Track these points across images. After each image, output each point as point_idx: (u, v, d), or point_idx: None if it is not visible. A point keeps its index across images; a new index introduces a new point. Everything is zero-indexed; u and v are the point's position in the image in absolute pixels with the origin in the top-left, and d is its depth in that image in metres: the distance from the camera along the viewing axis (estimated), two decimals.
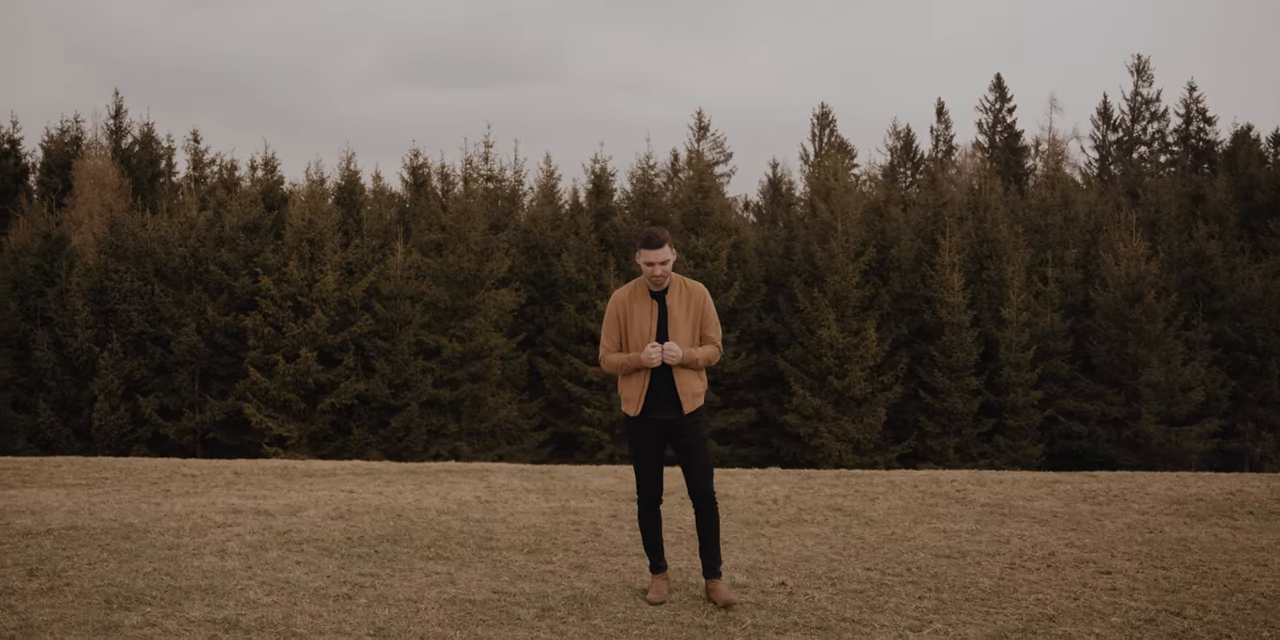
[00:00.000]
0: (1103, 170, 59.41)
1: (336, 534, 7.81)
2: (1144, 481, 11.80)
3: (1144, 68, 58.02)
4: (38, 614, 5.47)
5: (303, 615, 5.49)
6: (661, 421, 5.90)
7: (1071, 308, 37.92)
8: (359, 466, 13.89)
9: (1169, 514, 9.39)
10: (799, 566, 6.85)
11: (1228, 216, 41.57)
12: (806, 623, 5.49)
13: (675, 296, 5.92)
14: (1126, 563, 7.05)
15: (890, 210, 41.28)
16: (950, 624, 5.49)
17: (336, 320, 34.17)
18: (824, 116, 65.28)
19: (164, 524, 8.18)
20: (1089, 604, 5.92)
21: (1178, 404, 34.52)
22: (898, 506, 9.68)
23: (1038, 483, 11.78)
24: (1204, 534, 8.29)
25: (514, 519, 8.72)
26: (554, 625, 5.40)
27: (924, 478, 12.20)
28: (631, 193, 43.71)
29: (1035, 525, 8.68)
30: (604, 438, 37.11)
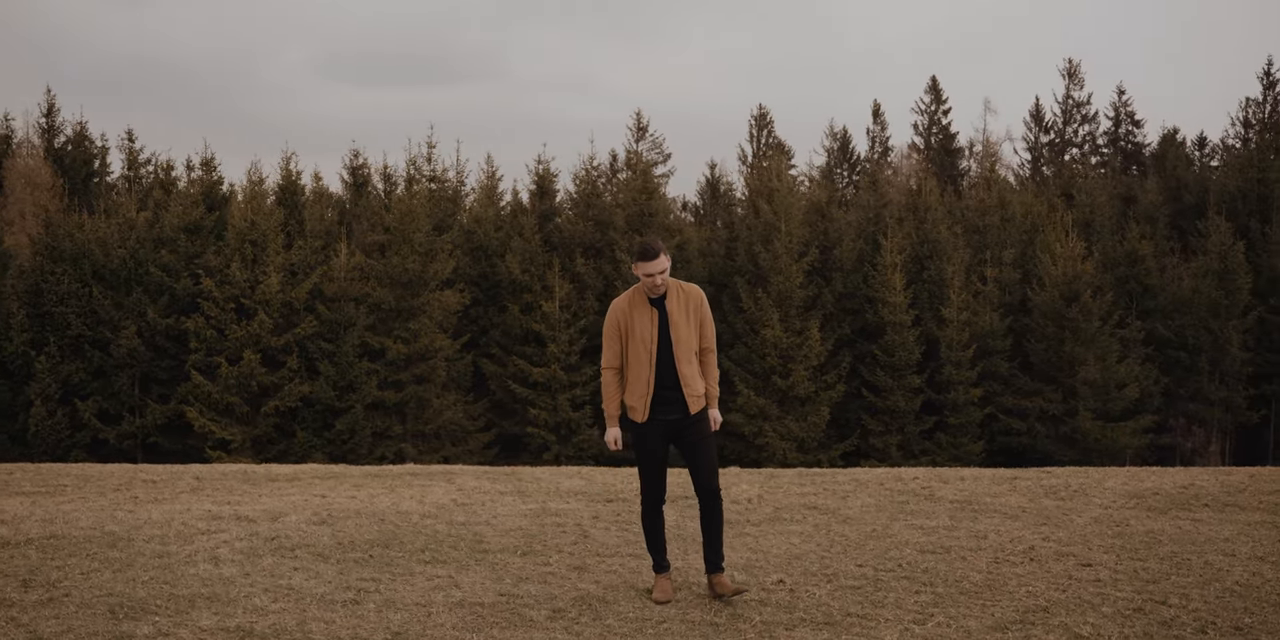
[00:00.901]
0: (1035, 171, 60.61)
1: (325, 539, 7.82)
2: (1099, 477, 12.14)
3: (1075, 71, 59.33)
4: (44, 626, 5.43)
5: (315, 622, 5.51)
6: (667, 422, 5.99)
7: (1010, 307, 38.70)
8: (320, 470, 13.80)
9: (1130, 508, 9.71)
10: (792, 564, 7.00)
11: (1158, 217, 42.69)
12: (813, 618, 5.64)
13: (674, 301, 6.01)
14: (1104, 555, 7.30)
15: (832, 211, 41.81)
16: (951, 617, 5.67)
17: (280, 322, 33.82)
18: (762, 118, 65.79)
19: (147, 531, 8.11)
20: (1078, 595, 6.15)
21: (1113, 401, 35.40)
22: (870, 504, 9.88)
23: (998, 479, 12.07)
24: (1169, 526, 8.60)
25: (498, 521, 8.77)
26: (568, 626, 5.49)
27: (887, 475, 12.43)
28: (575, 194, 43.77)
29: (1007, 520, 8.93)
30: (550, 438, 37.14)
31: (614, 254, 39.98)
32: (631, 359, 5.97)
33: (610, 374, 6.06)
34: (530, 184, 43.76)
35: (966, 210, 44.24)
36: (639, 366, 5.95)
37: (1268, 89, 53.85)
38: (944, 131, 64.63)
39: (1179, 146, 52.41)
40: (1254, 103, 54.16)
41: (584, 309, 38.79)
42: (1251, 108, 54.11)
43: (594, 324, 38.90)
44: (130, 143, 45.41)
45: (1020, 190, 49.05)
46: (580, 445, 37.41)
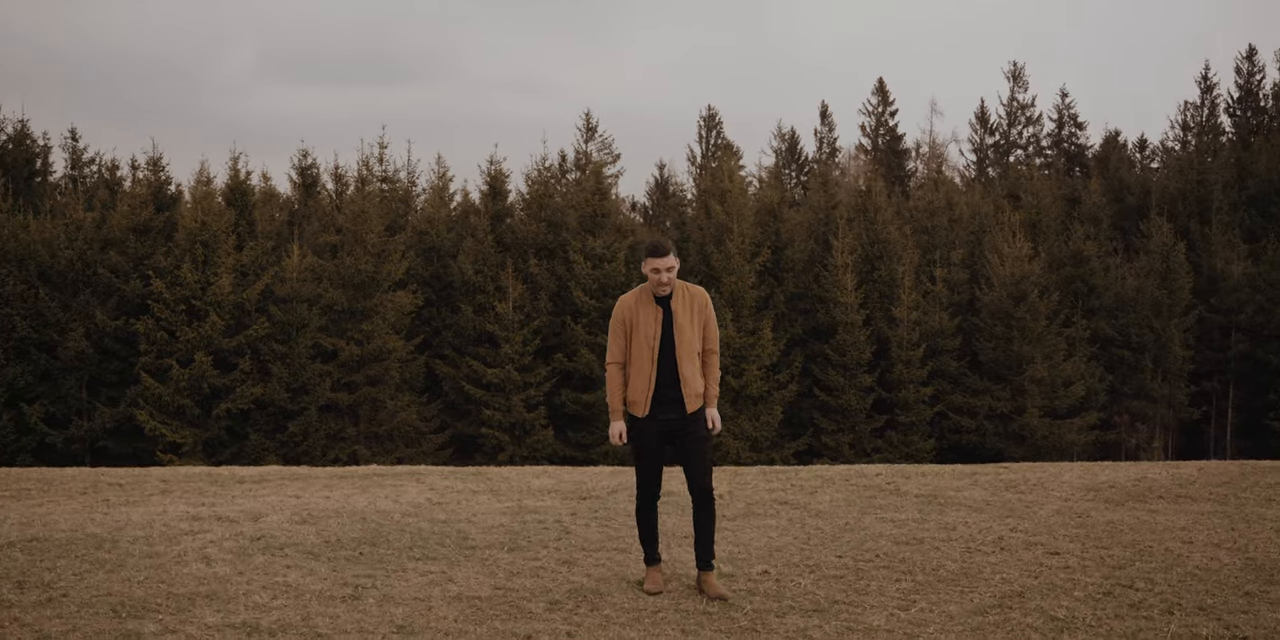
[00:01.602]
0: (980, 173, 61.57)
1: (312, 538, 7.91)
2: (1055, 471, 12.52)
3: (1019, 74, 60.37)
4: (49, 626, 5.50)
5: (319, 617, 5.63)
6: (666, 421, 6.16)
7: (958, 306, 39.35)
8: (285, 472, 13.83)
9: (1089, 500, 10.05)
10: (774, 556, 7.22)
11: (1101, 218, 43.61)
12: (801, 606, 5.86)
13: (679, 302, 6.18)
14: (1070, 544, 7.61)
15: (783, 212, 42.24)
16: (932, 603, 5.92)
17: (232, 324, 33.56)
18: (711, 118, 66.22)
19: (130, 533, 8.15)
20: (1049, 581, 6.43)
21: (1060, 398, 36.15)
22: (839, 499, 10.15)
23: (959, 474, 12.40)
24: (1127, 517, 8.94)
25: (478, 519, 8.91)
26: (567, 617, 5.66)
27: (851, 472, 12.72)
28: (528, 194, 43.82)
29: (973, 513, 9.23)
30: (504, 439, 37.17)
31: (566, 255, 40.10)
32: (635, 355, 6.13)
33: (615, 369, 6.22)
34: (483, 184, 43.76)
35: (915, 211, 44.91)
36: (641, 363, 6.11)
37: (1205, 93, 55.21)
38: (891, 133, 65.47)
39: (1121, 148, 53.59)
40: (1192, 106, 55.52)
41: (537, 310, 38.87)
42: (1190, 111, 55.46)
43: (547, 325, 39.00)
44: (74, 142, 44.70)
45: (967, 191, 49.86)
46: (534, 446, 37.48)
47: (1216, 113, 55.46)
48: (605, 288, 39.57)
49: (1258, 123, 54.33)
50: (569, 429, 38.89)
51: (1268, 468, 12.76)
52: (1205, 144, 51.32)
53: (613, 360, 6.24)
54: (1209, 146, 50.33)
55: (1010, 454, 35.38)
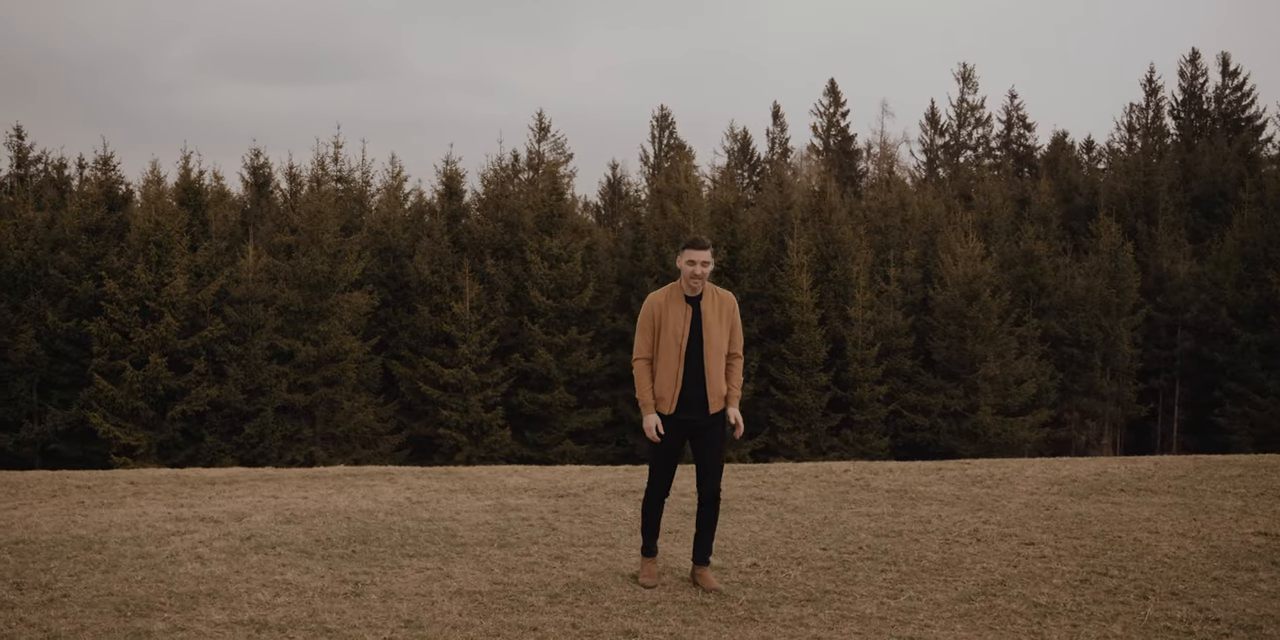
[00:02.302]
0: (930, 173, 62.33)
1: (301, 537, 7.98)
2: (1018, 467, 12.84)
3: (969, 75, 61.15)
4: (56, 625, 5.55)
5: (326, 613, 5.73)
6: (688, 421, 6.29)
7: (912, 306, 39.89)
8: (253, 473, 13.83)
9: (1054, 493, 10.36)
10: (760, 549, 7.42)
11: (1051, 218, 44.37)
12: (794, 596, 6.06)
13: (709, 303, 6.32)
14: (1042, 535, 7.88)
15: (739, 212, 42.57)
16: (919, 591, 6.14)
17: (186, 325, 33.29)
18: (663, 119, 66.43)
19: (115, 534, 8.17)
20: (1028, 570, 6.68)
21: (1012, 396, 36.78)
22: (813, 494, 10.37)
23: (925, 470, 12.69)
24: (1093, 509, 9.24)
25: (463, 517, 9.02)
26: (569, 609, 5.81)
27: (820, 469, 12.96)
28: (483, 194, 43.80)
29: (945, 507, 9.48)
30: (461, 439, 37.16)
31: (523, 255, 40.15)
32: (662, 352, 6.24)
33: (642, 364, 6.32)
34: (438, 184, 43.69)
35: (868, 211, 45.44)
36: (669, 360, 6.22)
37: (1150, 95, 56.33)
38: (842, 133, 66.07)
39: (1068, 149, 54.53)
40: (1137, 108, 56.62)
41: (494, 310, 38.90)
42: (1135, 113, 56.57)
43: (504, 325, 39.04)
44: (19, 140, 44.02)
45: (918, 192, 50.51)
46: (491, 446, 37.50)
47: (1161, 115, 56.65)
48: (562, 288, 39.68)
49: (1201, 125, 55.56)
50: (526, 429, 38.96)
51: (1220, 462, 13.17)
52: (1150, 146, 52.44)
53: (639, 356, 6.33)
54: (1154, 148, 51.43)
55: (963, 451, 35.91)
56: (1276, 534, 7.87)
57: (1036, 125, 66.88)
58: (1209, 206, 47.74)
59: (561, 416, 39.03)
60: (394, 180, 47.01)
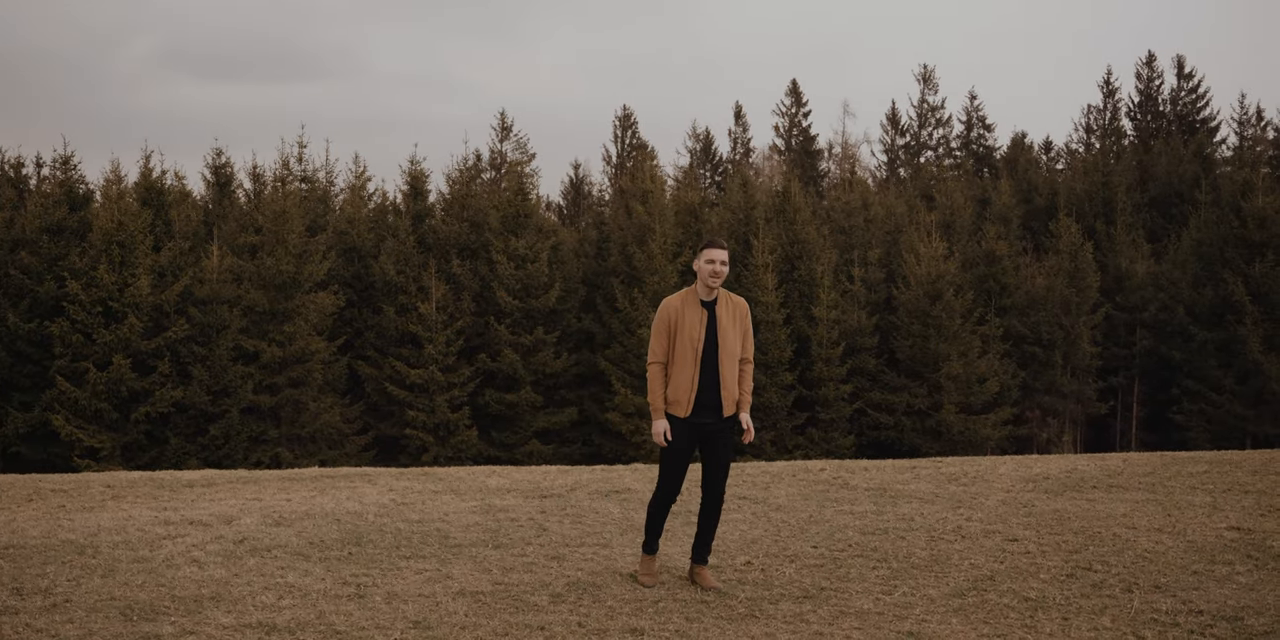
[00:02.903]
0: (891, 173, 62.89)
1: (294, 540, 8.03)
2: (990, 465, 13.08)
3: (930, 76, 61.74)
4: (63, 630, 5.57)
5: (333, 614, 5.80)
6: (702, 424, 6.41)
7: (876, 305, 40.26)
8: (229, 475, 13.82)
9: (1029, 491, 10.59)
10: (752, 547, 7.56)
11: (1011, 219, 44.93)
12: (791, 593, 6.20)
13: (723, 307, 6.44)
14: (1025, 531, 8.08)
15: (704, 212, 42.79)
16: (912, 587, 6.30)
17: (150, 326, 33.00)
18: (626, 118, 66.56)
19: (106, 538, 8.17)
20: (1014, 566, 6.86)
21: (975, 394, 37.23)
22: (794, 493, 10.53)
23: (900, 469, 12.90)
24: (1069, 506, 9.47)
25: (452, 518, 9.09)
26: (572, 608, 5.91)
27: (797, 468, 13.14)
28: (448, 194, 43.72)
29: (925, 504, 9.68)
30: (428, 440, 37.09)
31: (489, 255, 40.12)
32: (677, 356, 6.33)
33: (657, 368, 6.41)
34: (403, 184, 43.58)
35: (832, 211, 45.80)
36: (684, 364, 6.31)
37: (1108, 97, 57.19)
38: (804, 133, 66.47)
39: (1027, 150, 55.22)
40: (1095, 109, 57.47)
41: (460, 310, 38.85)
42: (1093, 114, 57.41)
43: (470, 325, 39.00)
44: None
45: (879, 192, 50.98)
46: (458, 446, 37.47)
47: (1118, 116, 57.56)
48: (528, 288, 39.70)
49: (1157, 126, 56.49)
50: (493, 429, 38.95)
51: (1186, 458, 13.49)
52: (1108, 147, 53.24)
53: (655, 360, 6.42)
54: (1112, 149, 52.22)
55: (927, 449, 36.31)
56: (1248, 529, 8.12)
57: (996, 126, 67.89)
58: (1166, 207, 48.55)
59: (528, 416, 39.06)
60: (357, 180, 46.84)
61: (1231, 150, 55.23)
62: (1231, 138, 57.11)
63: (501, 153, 55.03)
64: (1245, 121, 55.98)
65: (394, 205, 44.13)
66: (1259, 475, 11.46)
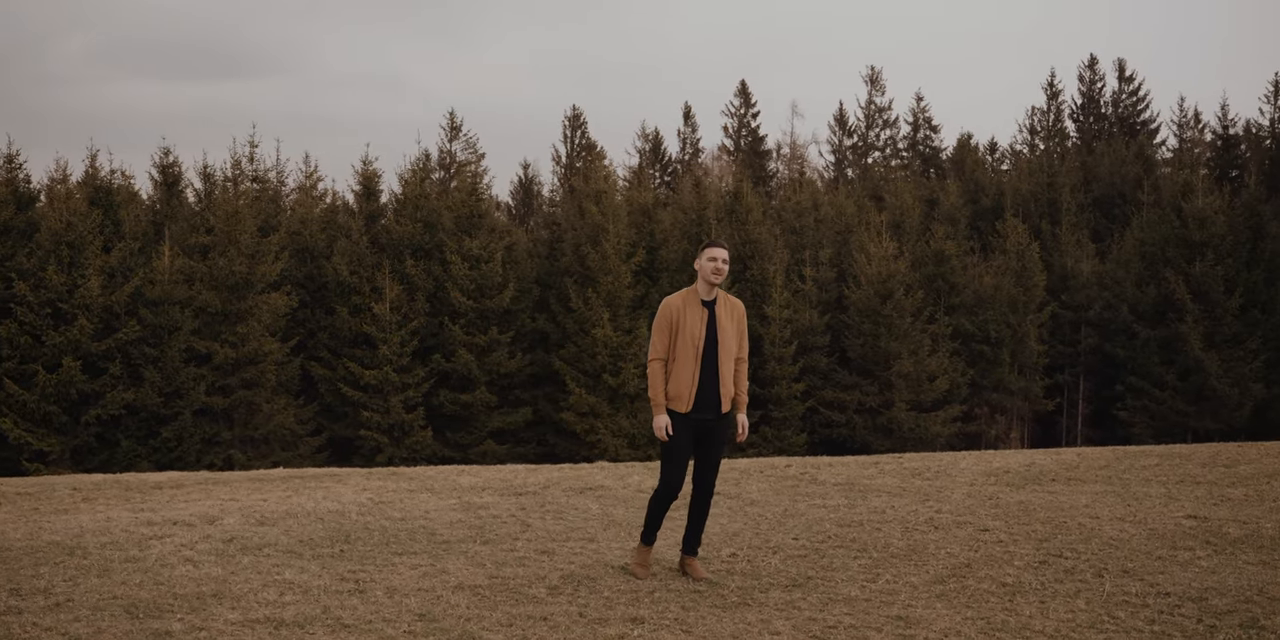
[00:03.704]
0: (839, 173, 63.59)
1: (283, 538, 8.13)
2: (951, 460, 13.46)
3: (877, 78, 62.49)
4: (74, 628, 5.62)
5: (338, 609, 5.93)
6: (701, 421, 6.62)
7: (828, 305, 40.77)
8: (195, 477, 13.85)
9: (993, 484, 10.94)
10: (735, 540, 7.79)
11: (959, 219, 45.68)
12: (779, 582, 6.43)
13: (722, 308, 6.66)
14: (994, 522, 8.39)
15: (658, 213, 43.07)
16: (895, 575, 6.56)
17: (101, 327, 32.65)
18: (575, 118, 66.69)
19: (91, 540, 8.20)
20: (989, 554, 7.16)
21: (925, 392, 37.84)
22: (765, 488, 10.79)
23: (864, 464, 13.23)
24: (1033, 498, 9.81)
25: (434, 516, 9.23)
26: (571, 599, 6.10)
27: (763, 465, 13.42)
28: (401, 195, 43.58)
29: (894, 498, 9.97)
30: (383, 440, 37.01)
31: (443, 255, 40.09)
32: (679, 354, 6.53)
33: (658, 365, 6.60)
34: (355, 184, 43.39)
35: (783, 211, 46.26)
36: (686, 361, 6.51)
37: (1051, 99, 58.26)
38: (753, 134, 66.98)
39: (973, 151, 56.11)
40: (1039, 111, 58.53)
41: (414, 310, 38.79)
42: (1037, 116, 58.47)
43: (425, 326, 38.95)
44: None
45: (828, 192, 51.55)
46: (413, 447, 37.42)
47: (1062, 118, 58.69)
48: (482, 288, 39.73)
49: (1099, 128, 57.69)
50: (447, 429, 38.94)
51: (1137, 453, 13.96)
52: (1052, 148, 54.28)
53: (656, 357, 6.61)
54: (1056, 150, 53.26)
55: (878, 447, 36.84)
56: (1204, 517, 8.49)
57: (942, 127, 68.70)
58: (1109, 207, 49.61)
59: (482, 416, 39.10)
60: (308, 180, 46.57)
61: (1171, 152, 56.61)
62: (1171, 139, 58.56)
63: (451, 153, 54.91)
64: (1184, 124, 57.39)
65: (346, 205, 43.94)
66: (1208, 467, 11.91)
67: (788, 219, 45.46)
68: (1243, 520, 8.32)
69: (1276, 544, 7.38)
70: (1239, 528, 8.00)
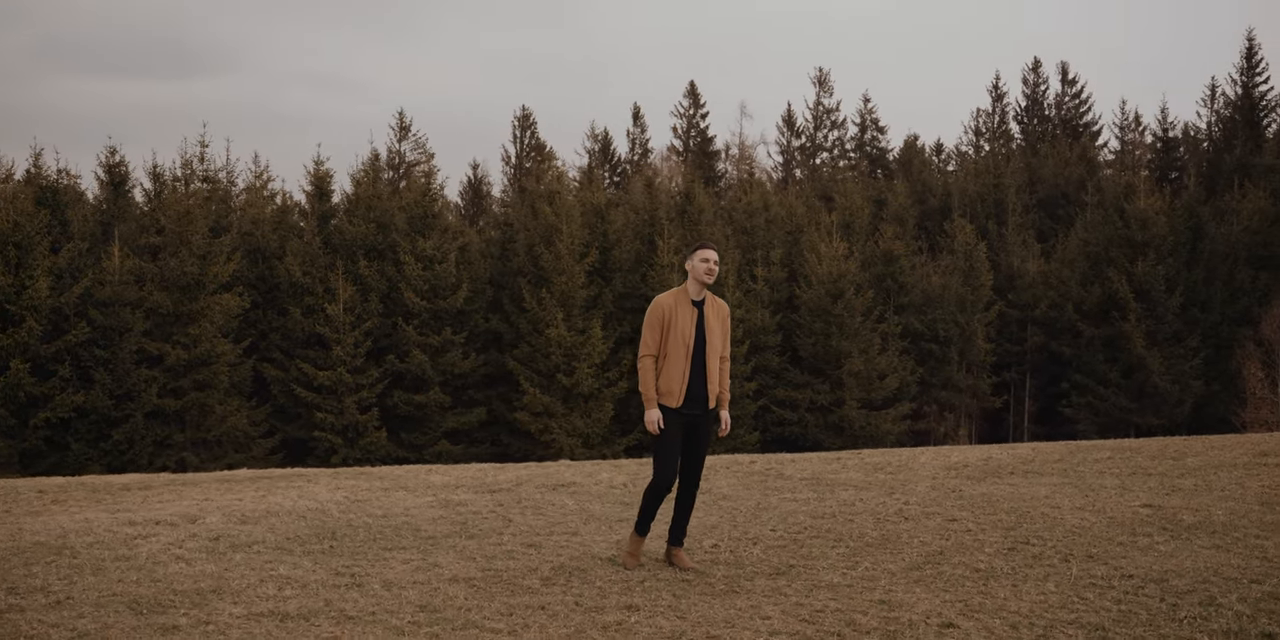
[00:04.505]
0: (787, 174, 64.23)
1: (268, 536, 8.24)
2: (910, 456, 13.83)
3: (825, 79, 63.20)
4: (80, 624, 5.70)
5: (341, 602, 6.08)
6: (691, 416, 6.86)
7: (779, 304, 41.24)
8: (161, 479, 13.87)
9: (954, 477, 11.30)
10: (715, 532, 8.05)
11: (907, 219, 46.39)
12: (763, 571, 6.69)
13: (710, 308, 6.92)
14: (961, 512, 8.72)
15: (610, 213, 43.29)
16: (873, 563, 6.85)
17: (50, 329, 32.31)
18: (525, 118, 66.72)
19: (77, 540, 8.24)
20: (959, 542, 7.47)
21: (875, 390, 38.42)
22: (735, 484, 11.07)
23: (826, 460, 13.56)
24: (994, 490, 10.17)
25: (415, 513, 9.39)
26: (565, 589, 6.31)
27: (728, 461, 13.73)
28: (353, 195, 43.43)
29: (861, 491, 10.29)
30: (337, 442, 36.91)
31: (396, 256, 40.03)
32: (670, 351, 6.77)
33: (650, 361, 6.83)
34: (307, 185, 43.16)
35: (734, 212, 46.70)
36: (677, 359, 6.75)
37: (996, 101, 59.28)
38: (702, 134, 67.42)
39: (920, 152, 56.98)
40: (984, 113, 59.53)
41: (368, 311, 38.70)
42: (982, 117, 59.47)
43: (378, 327, 38.87)
44: None
45: (778, 193, 52.10)
46: (367, 448, 37.35)
47: (1007, 120, 59.80)
48: (436, 288, 39.73)
49: (1043, 130, 58.82)
50: (402, 430, 38.91)
51: (1089, 447, 14.42)
52: (997, 149, 55.28)
53: (648, 353, 6.84)
54: (1001, 152, 54.25)
55: (829, 444, 37.35)
56: (1159, 505, 8.89)
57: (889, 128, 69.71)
58: (1052, 208, 50.63)
59: (437, 417, 39.11)
60: (258, 180, 46.23)
61: (1113, 154, 57.89)
62: (1113, 142, 59.84)
63: (400, 153, 54.75)
64: (1126, 126, 58.70)
65: (298, 206, 43.69)
66: (1157, 460, 12.37)
67: (739, 219, 45.89)
68: (1194, 508, 8.72)
69: (1228, 529, 7.77)
70: (1192, 515, 8.40)
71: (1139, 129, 58.43)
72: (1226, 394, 40.37)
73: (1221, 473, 10.97)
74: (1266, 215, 43.97)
